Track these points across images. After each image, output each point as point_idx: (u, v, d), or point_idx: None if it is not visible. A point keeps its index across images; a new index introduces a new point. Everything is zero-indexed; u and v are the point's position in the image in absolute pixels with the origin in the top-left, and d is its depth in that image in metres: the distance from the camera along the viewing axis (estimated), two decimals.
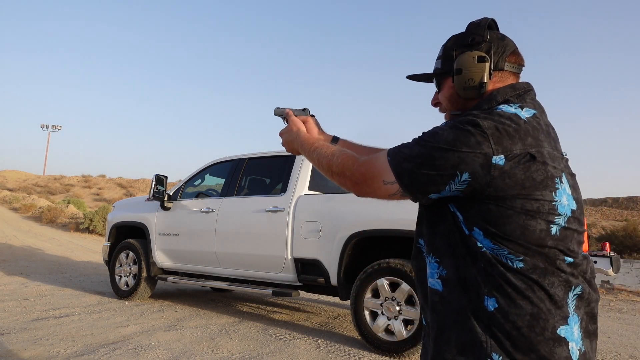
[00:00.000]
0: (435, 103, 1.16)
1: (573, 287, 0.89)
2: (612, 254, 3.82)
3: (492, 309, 0.89)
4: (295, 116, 1.37)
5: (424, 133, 0.95)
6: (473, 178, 0.87)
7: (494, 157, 0.86)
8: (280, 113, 1.41)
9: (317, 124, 1.40)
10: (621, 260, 6.41)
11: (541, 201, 0.87)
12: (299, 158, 4.56)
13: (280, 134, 1.33)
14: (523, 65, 1.06)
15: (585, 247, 1.03)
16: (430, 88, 1.18)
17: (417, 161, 0.90)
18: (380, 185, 0.97)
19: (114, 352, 3.34)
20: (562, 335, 0.86)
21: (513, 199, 0.87)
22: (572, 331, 0.87)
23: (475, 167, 0.86)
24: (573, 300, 0.89)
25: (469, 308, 0.91)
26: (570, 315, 0.88)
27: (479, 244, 0.91)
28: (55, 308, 4.78)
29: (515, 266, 0.88)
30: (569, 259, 0.90)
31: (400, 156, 0.94)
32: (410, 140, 0.97)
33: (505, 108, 0.94)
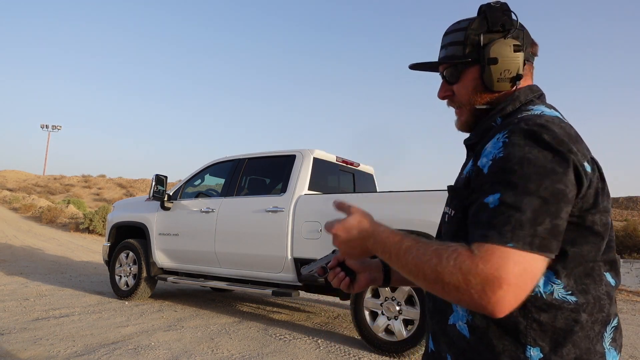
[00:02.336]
0: (445, 95, 1.00)
1: (611, 320, 0.80)
2: None
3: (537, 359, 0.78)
4: (326, 264, 1.08)
5: (504, 173, 0.73)
6: (590, 183, 0.75)
7: (584, 165, 0.74)
8: (310, 275, 1.07)
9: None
10: (621, 260, 6.42)
11: (602, 212, 0.78)
12: (299, 158, 4.56)
13: (337, 232, 0.90)
14: (537, 55, 0.98)
15: None
16: (433, 83, 1.07)
17: (551, 210, 0.70)
18: (528, 277, 0.69)
19: (113, 352, 3.34)
20: None
21: (595, 212, 0.76)
22: None
23: (588, 170, 0.75)
24: (610, 334, 0.80)
25: (506, 359, 0.79)
26: (606, 350, 0.79)
27: None
28: (55, 308, 4.78)
29: (569, 301, 0.77)
30: (612, 280, 0.81)
31: (525, 227, 0.69)
32: (497, 200, 0.72)
33: (545, 110, 0.84)
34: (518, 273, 0.67)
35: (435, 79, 1.11)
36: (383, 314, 3.70)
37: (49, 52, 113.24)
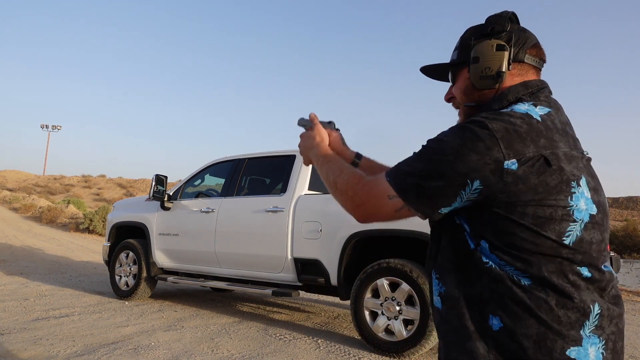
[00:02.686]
0: (449, 98, 1.10)
1: (592, 308, 0.82)
2: (612, 254, 3.82)
3: (497, 329, 0.83)
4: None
5: (427, 143, 0.89)
6: (485, 186, 0.81)
7: (506, 162, 0.80)
8: (305, 123, 1.33)
9: (342, 139, 1.32)
10: (621, 260, 6.42)
11: (554, 207, 0.81)
12: (299, 158, 4.57)
13: (301, 136, 1.26)
14: (544, 61, 1.01)
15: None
16: (442, 86, 1.13)
17: (423, 174, 0.84)
18: (384, 202, 0.90)
19: (114, 352, 3.34)
20: (573, 357, 0.80)
21: (525, 206, 0.81)
22: (585, 353, 0.81)
23: (487, 175, 0.81)
24: (594, 322, 0.82)
25: (472, 327, 0.86)
26: (585, 337, 0.81)
27: (485, 259, 0.85)
28: (55, 308, 4.78)
29: (523, 283, 0.83)
30: (587, 274, 0.84)
31: (401, 173, 0.88)
32: (412, 155, 0.91)
33: (516, 107, 0.89)
34: (378, 196, 0.90)
35: (435, 81, 1.19)
36: (383, 314, 3.70)
37: (50, 52, 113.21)
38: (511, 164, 0.81)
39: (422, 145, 0.90)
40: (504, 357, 0.82)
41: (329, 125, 1.32)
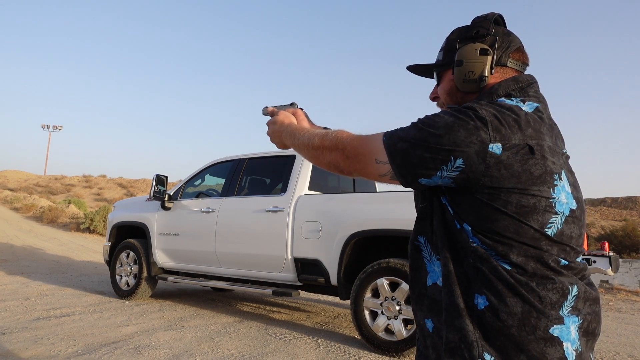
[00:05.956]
0: (434, 97, 1.14)
1: (570, 289, 0.85)
2: (611, 253, 3.83)
3: (483, 307, 0.85)
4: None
5: (425, 116, 0.93)
6: (467, 165, 0.84)
7: (491, 145, 0.83)
8: (267, 113, 1.37)
9: (307, 116, 1.35)
10: (620, 259, 6.43)
11: (538, 197, 0.83)
12: (299, 158, 4.58)
13: (268, 124, 1.29)
14: (527, 64, 1.03)
15: (584, 247, 0.98)
16: (431, 82, 1.15)
17: (412, 142, 0.88)
18: (371, 163, 0.95)
19: (114, 352, 3.35)
20: (555, 335, 0.82)
21: (508, 193, 0.83)
22: (567, 331, 0.83)
23: (470, 154, 0.83)
24: (571, 302, 0.85)
25: (460, 306, 0.87)
26: (565, 316, 0.84)
27: (471, 239, 0.88)
28: (56, 307, 4.79)
29: (503, 264, 0.85)
30: (564, 262, 0.86)
31: (395, 136, 0.92)
32: (410, 123, 0.94)
33: (506, 101, 0.91)
34: (367, 155, 0.95)
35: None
36: (383, 314, 3.71)
37: (51, 52, 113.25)
38: (496, 147, 0.83)
39: (418, 119, 0.94)
40: (488, 335, 0.84)
41: (292, 106, 1.36)
